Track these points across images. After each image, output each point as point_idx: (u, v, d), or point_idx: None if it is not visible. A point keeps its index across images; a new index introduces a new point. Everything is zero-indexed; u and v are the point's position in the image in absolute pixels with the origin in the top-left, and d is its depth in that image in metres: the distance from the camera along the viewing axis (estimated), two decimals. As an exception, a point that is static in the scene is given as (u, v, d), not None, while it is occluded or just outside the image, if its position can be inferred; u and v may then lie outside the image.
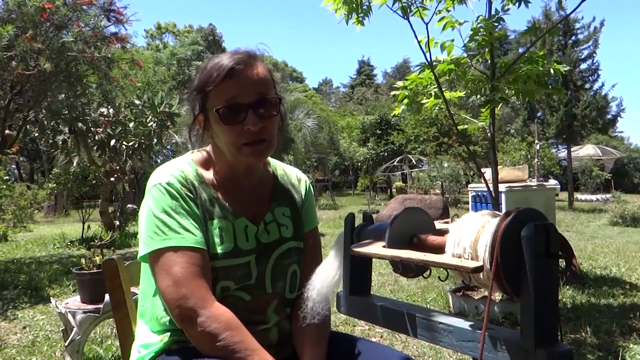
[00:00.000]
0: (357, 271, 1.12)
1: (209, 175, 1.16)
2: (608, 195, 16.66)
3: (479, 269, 0.83)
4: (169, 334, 1.10)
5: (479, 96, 3.29)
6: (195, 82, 1.12)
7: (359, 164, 25.58)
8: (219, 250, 1.09)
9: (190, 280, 1.01)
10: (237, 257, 1.10)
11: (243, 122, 1.06)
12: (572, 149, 16.52)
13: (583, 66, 15.45)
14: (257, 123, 1.06)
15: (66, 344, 2.58)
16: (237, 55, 1.08)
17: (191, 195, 1.10)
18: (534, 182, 6.01)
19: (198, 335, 1.01)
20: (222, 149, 1.12)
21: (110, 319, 2.91)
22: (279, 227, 1.19)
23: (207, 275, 1.05)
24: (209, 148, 1.19)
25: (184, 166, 1.14)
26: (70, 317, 2.60)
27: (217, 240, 1.09)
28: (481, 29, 3.05)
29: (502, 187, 4.46)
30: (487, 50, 3.20)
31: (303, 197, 1.29)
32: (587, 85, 15.52)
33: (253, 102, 1.06)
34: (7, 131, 6.45)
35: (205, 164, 1.17)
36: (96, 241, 3.30)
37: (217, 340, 0.99)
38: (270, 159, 1.28)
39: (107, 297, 2.47)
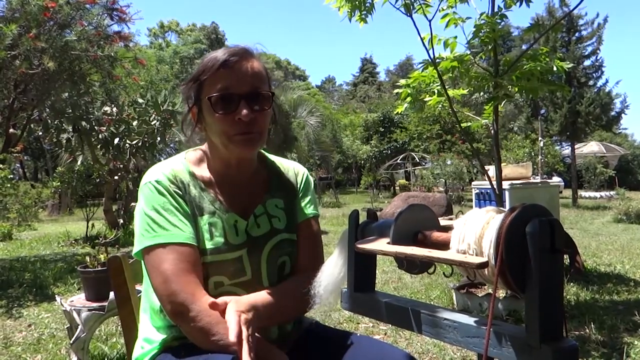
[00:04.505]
0: (362, 268, 1.12)
1: (201, 172, 1.17)
2: (612, 193, 16.60)
3: (484, 265, 0.83)
4: (169, 330, 1.11)
5: (482, 93, 3.29)
6: (191, 74, 1.15)
7: (362, 161, 25.55)
8: (209, 245, 1.10)
9: (179, 276, 1.03)
10: (227, 252, 1.11)
11: (235, 112, 1.07)
12: (576, 146, 16.43)
13: (587, 63, 15.35)
14: (248, 114, 1.07)
15: (71, 341, 2.59)
16: (233, 49, 1.11)
17: (180, 193, 1.11)
18: (537, 180, 5.99)
19: (191, 330, 1.02)
20: (214, 141, 1.13)
21: (115, 317, 2.92)
22: (270, 218, 1.19)
23: (197, 271, 1.05)
24: (204, 147, 1.20)
25: (175, 164, 1.16)
26: (75, 314, 2.62)
27: (207, 235, 1.10)
28: (484, 26, 3.04)
29: (505, 185, 4.45)
30: (490, 47, 3.19)
31: (298, 188, 1.28)
32: (591, 82, 15.42)
33: (245, 94, 1.08)
34: (11, 130, 6.48)
35: (199, 161, 1.19)
36: (100, 239, 3.32)
37: (210, 334, 1.00)
38: (267, 154, 1.29)
39: (111, 294, 2.47)
